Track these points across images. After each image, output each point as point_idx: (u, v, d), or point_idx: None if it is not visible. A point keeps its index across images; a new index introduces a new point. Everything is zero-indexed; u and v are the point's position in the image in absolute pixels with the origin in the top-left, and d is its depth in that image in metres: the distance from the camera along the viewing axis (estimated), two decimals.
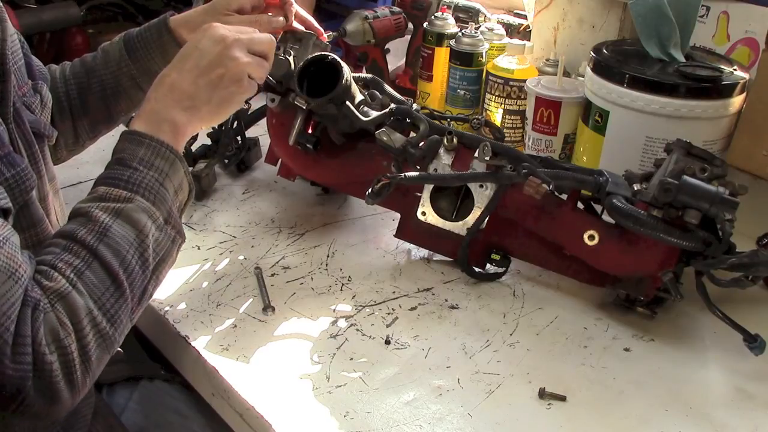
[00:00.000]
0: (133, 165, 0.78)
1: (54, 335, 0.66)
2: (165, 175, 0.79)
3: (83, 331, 0.68)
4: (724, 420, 0.83)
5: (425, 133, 1.04)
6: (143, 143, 0.79)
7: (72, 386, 0.68)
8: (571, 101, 1.21)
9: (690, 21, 1.14)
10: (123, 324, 0.73)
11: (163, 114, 0.82)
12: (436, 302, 1.01)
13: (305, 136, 1.09)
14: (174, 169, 0.80)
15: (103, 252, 0.71)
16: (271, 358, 0.89)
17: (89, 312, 0.69)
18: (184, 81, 0.83)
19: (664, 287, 0.94)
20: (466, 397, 0.84)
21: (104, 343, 0.71)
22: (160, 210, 0.78)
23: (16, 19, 1.57)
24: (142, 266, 0.74)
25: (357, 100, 1.06)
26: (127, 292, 0.72)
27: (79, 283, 0.69)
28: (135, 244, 0.74)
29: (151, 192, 0.77)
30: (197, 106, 0.83)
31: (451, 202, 1.06)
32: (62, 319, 0.67)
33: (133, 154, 0.78)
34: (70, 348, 0.67)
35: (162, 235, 0.78)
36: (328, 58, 1.03)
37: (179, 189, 0.82)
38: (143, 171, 0.78)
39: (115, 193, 0.75)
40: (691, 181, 0.89)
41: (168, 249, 0.79)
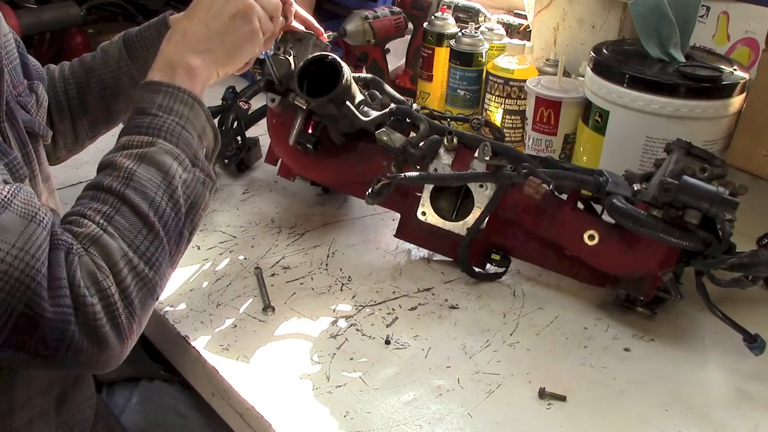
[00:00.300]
0: (153, 111, 0.77)
1: (92, 278, 0.66)
2: (186, 119, 0.79)
3: (121, 273, 0.68)
4: (724, 420, 0.83)
5: (425, 133, 1.04)
6: (160, 90, 0.79)
7: (118, 331, 0.67)
8: (571, 101, 1.21)
9: (690, 21, 1.14)
10: (162, 267, 0.72)
11: (176, 60, 0.82)
12: (436, 302, 1.01)
13: (305, 136, 1.09)
14: (195, 113, 0.80)
15: (131, 195, 0.71)
16: (271, 358, 0.89)
17: (124, 254, 0.68)
18: (196, 26, 0.84)
19: (664, 287, 0.94)
20: (466, 397, 0.84)
21: (145, 287, 0.70)
22: (185, 152, 0.77)
23: (16, 19, 1.58)
24: (174, 208, 0.74)
25: (357, 100, 1.06)
26: (161, 234, 0.72)
27: (109, 227, 0.69)
28: (162, 185, 0.73)
29: (173, 135, 0.77)
30: (211, 49, 0.84)
31: (451, 202, 1.06)
32: (98, 262, 0.67)
33: (151, 101, 0.78)
34: (110, 290, 0.67)
35: (190, 176, 0.77)
36: (328, 58, 1.03)
37: (203, 134, 0.81)
38: (163, 116, 0.77)
39: (137, 140, 0.76)
40: (691, 180, 0.89)
41: (199, 192, 0.78)
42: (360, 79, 1.13)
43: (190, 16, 0.85)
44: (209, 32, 0.84)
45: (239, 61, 0.88)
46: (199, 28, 0.84)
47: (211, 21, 0.84)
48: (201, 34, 0.84)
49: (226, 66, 0.86)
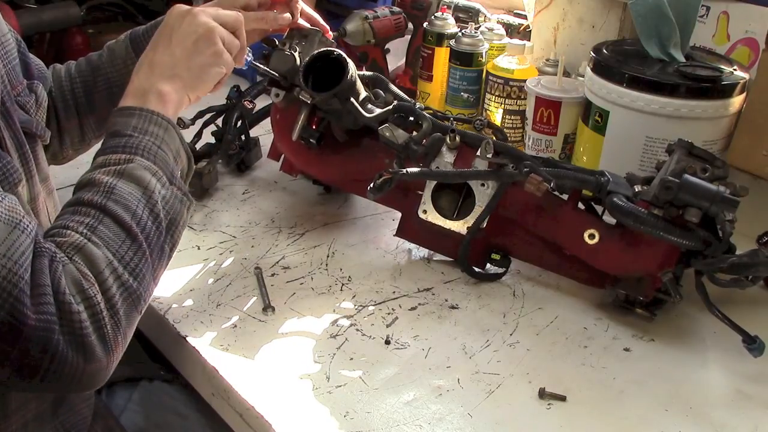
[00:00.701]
0: (128, 132, 0.78)
1: (77, 286, 0.65)
2: (162, 140, 0.79)
3: (106, 282, 0.67)
4: (724, 420, 0.83)
5: (428, 131, 1.04)
6: (134, 114, 0.80)
7: (104, 342, 0.67)
8: (571, 101, 1.21)
9: (690, 21, 1.14)
10: (146, 279, 0.72)
11: (147, 87, 0.83)
12: (436, 302, 1.01)
13: (309, 131, 1.09)
14: (169, 135, 0.81)
15: (113, 207, 0.71)
16: (271, 358, 0.89)
17: (109, 262, 0.68)
18: (161, 55, 0.85)
19: (663, 288, 0.94)
20: (466, 397, 0.84)
21: (130, 297, 0.70)
22: (163, 170, 0.78)
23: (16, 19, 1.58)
24: (155, 221, 0.74)
25: (361, 97, 1.07)
26: (144, 245, 0.72)
27: (93, 237, 0.69)
28: (143, 200, 0.74)
29: (150, 153, 0.77)
30: (179, 74, 0.84)
31: (452, 201, 1.06)
32: (83, 270, 0.66)
33: (126, 124, 0.79)
34: (96, 299, 0.66)
35: (168, 193, 0.77)
36: (333, 53, 1.04)
37: (177, 156, 0.82)
38: (138, 136, 0.78)
39: (114, 158, 0.76)
40: (692, 179, 0.89)
41: (177, 209, 0.78)
42: (364, 77, 1.13)
43: (154, 48, 0.86)
44: (174, 59, 0.84)
45: (208, 82, 0.88)
46: (164, 57, 0.85)
47: (174, 48, 0.85)
48: (167, 62, 0.84)
49: (195, 89, 0.87)
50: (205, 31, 0.86)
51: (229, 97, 1.33)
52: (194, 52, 0.85)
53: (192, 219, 1.18)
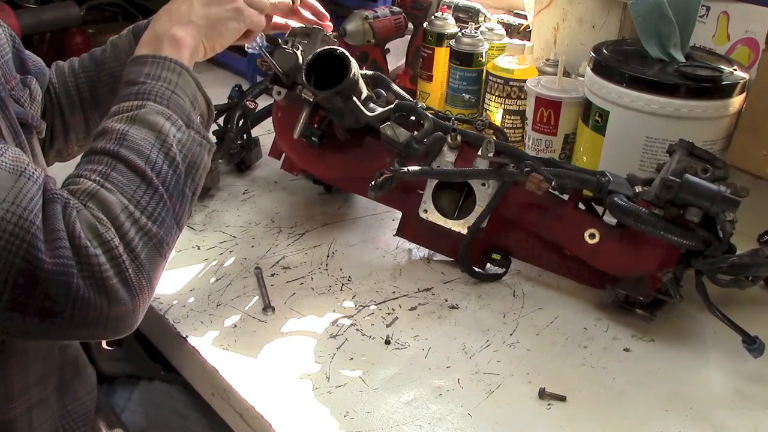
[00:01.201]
0: (140, 80, 0.77)
1: (93, 230, 0.65)
2: (176, 84, 0.79)
3: (123, 227, 0.67)
4: (724, 420, 0.83)
5: (430, 130, 1.04)
6: (147, 62, 0.79)
7: (128, 286, 0.66)
8: (571, 101, 1.21)
9: (690, 21, 1.14)
10: (166, 224, 0.71)
11: (161, 33, 0.83)
12: (436, 302, 1.01)
13: (310, 129, 1.09)
14: (184, 79, 0.80)
15: (125, 153, 0.71)
16: (271, 358, 0.89)
17: (125, 207, 0.68)
18: (181, 3, 0.85)
19: (663, 288, 0.94)
20: (466, 397, 0.84)
21: (150, 242, 0.69)
22: (178, 113, 0.77)
23: (16, 19, 1.58)
24: (171, 165, 0.73)
25: (363, 95, 1.07)
26: (161, 189, 0.71)
27: (107, 183, 0.69)
28: (157, 144, 0.73)
29: (163, 98, 0.77)
30: (194, 21, 0.84)
31: (453, 201, 1.06)
32: (97, 215, 0.66)
33: (138, 73, 0.78)
34: (113, 242, 0.66)
35: (185, 136, 0.76)
36: (336, 51, 1.04)
37: (194, 101, 0.81)
38: (151, 83, 0.77)
39: (126, 105, 0.75)
40: (692, 178, 0.89)
41: (196, 152, 0.77)
42: (365, 76, 1.13)
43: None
44: (192, 8, 0.85)
45: (225, 35, 0.88)
46: (184, 5, 0.85)
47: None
48: (184, 10, 0.85)
49: (210, 39, 0.87)
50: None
51: (230, 96, 1.33)
52: (213, 3, 0.86)
53: (192, 219, 1.18)
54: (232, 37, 0.89)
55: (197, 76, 0.83)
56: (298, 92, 1.06)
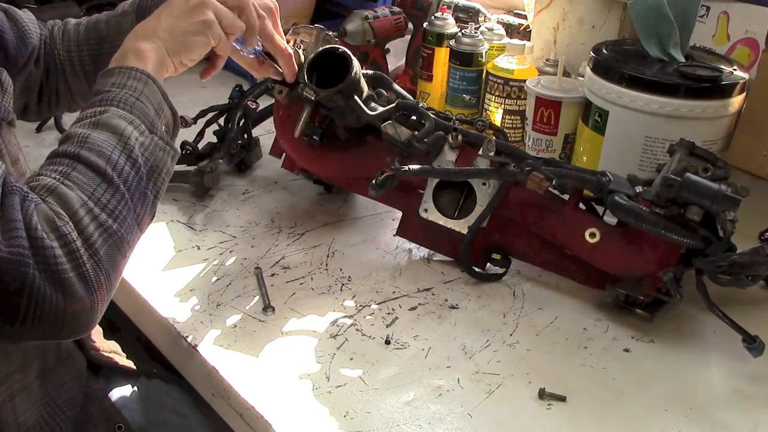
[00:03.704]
0: (106, 89, 0.77)
1: (50, 223, 0.64)
2: (140, 92, 0.78)
3: (82, 221, 0.66)
4: (724, 420, 0.83)
5: (431, 129, 1.04)
6: (113, 73, 0.79)
7: (85, 281, 0.65)
8: (571, 101, 1.21)
9: (690, 21, 1.13)
10: (127, 222, 0.71)
11: (127, 47, 0.82)
12: (436, 302, 1.01)
13: (312, 127, 1.09)
14: (149, 88, 0.79)
15: (86, 154, 0.70)
16: (271, 358, 0.89)
17: (84, 203, 0.67)
18: (150, 20, 0.85)
19: (663, 288, 0.94)
20: (466, 397, 0.84)
21: (110, 239, 0.68)
22: (141, 119, 0.76)
23: None
24: (133, 166, 0.73)
25: (364, 95, 1.07)
26: (122, 188, 0.71)
27: (66, 180, 0.68)
28: (119, 146, 0.73)
29: (127, 104, 0.76)
30: (158, 35, 0.83)
31: (453, 200, 1.06)
32: (56, 209, 0.66)
33: (104, 83, 0.78)
34: (71, 236, 0.65)
35: (148, 140, 0.76)
36: (338, 50, 1.04)
37: (159, 109, 0.80)
38: (116, 90, 0.77)
39: (89, 112, 0.75)
40: (693, 177, 0.89)
41: (159, 156, 0.77)
42: (366, 76, 1.13)
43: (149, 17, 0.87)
44: (158, 23, 0.84)
45: (190, 49, 0.86)
46: (150, 22, 0.85)
47: (162, 15, 0.85)
48: (150, 26, 0.85)
49: (176, 53, 0.85)
50: (197, 2, 0.85)
51: (231, 96, 1.34)
52: (179, 18, 0.85)
53: (192, 219, 1.18)
54: (200, 51, 0.88)
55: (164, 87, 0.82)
56: (300, 91, 1.06)
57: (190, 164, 1.27)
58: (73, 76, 1.04)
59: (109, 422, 0.95)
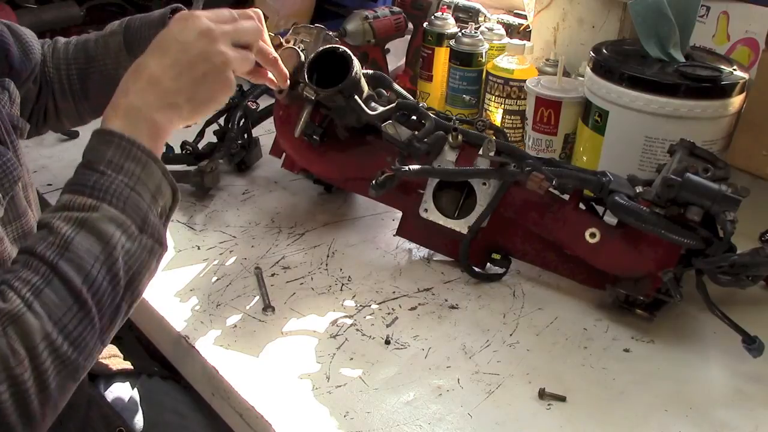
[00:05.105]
0: (100, 169, 0.70)
1: (4, 364, 0.60)
2: (137, 179, 0.72)
3: (39, 357, 0.62)
4: (725, 420, 0.83)
5: (431, 129, 1.04)
6: (112, 143, 0.72)
7: (29, 419, 0.62)
8: (571, 101, 1.21)
9: (690, 21, 1.14)
10: (89, 347, 0.66)
11: (143, 112, 0.74)
12: (436, 302, 1.01)
13: (312, 127, 1.09)
14: (148, 172, 0.73)
15: (64, 268, 0.65)
16: (271, 358, 0.89)
17: (46, 336, 0.63)
18: (166, 76, 0.76)
19: (663, 288, 0.94)
20: (466, 397, 0.84)
21: (65, 369, 0.65)
22: (132, 218, 0.70)
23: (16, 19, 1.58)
24: (112, 281, 0.68)
25: (365, 94, 1.07)
26: (93, 311, 0.66)
27: (35, 303, 0.63)
28: (101, 257, 0.67)
29: (120, 198, 0.70)
30: (179, 105, 0.77)
31: (453, 200, 1.06)
32: (13, 345, 0.61)
33: (100, 156, 0.71)
34: (23, 377, 0.61)
35: (135, 245, 0.70)
36: (339, 50, 1.04)
37: (158, 193, 0.74)
38: (111, 175, 0.70)
39: (79, 201, 0.69)
40: (693, 177, 0.89)
41: (144, 261, 0.71)
42: (366, 75, 1.13)
43: (159, 62, 0.76)
44: (179, 86, 0.76)
45: (205, 115, 0.82)
46: (169, 80, 0.76)
47: (182, 73, 0.76)
48: (170, 87, 0.76)
49: (190, 120, 0.80)
50: (220, 63, 0.78)
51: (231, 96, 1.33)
52: (202, 83, 0.77)
53: (192, 219, 1.18)
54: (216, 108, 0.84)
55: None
56: (300, 91, 1.06)
57: (190, 164, 1.27)
58: (61, 94, 1.04)
59: (110, 426, 0.95)
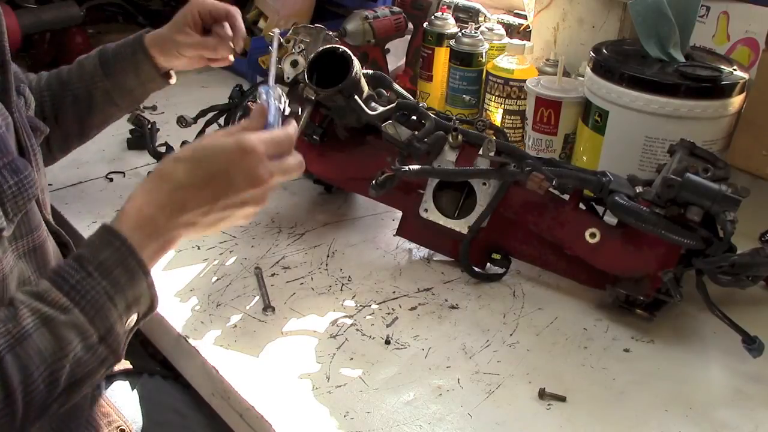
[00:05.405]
0: (89, 269, 0.69)
1: None
2: (119, 289, 0.70)
3: None
4: (724, 420, 0.83)
5: (431, 129, 1.04)
6: (112, 245, 0.70)
7: None
8: (571, 101, 1.21)
9: (690, 21, 1.14)
10: None
11: (160, 230, 0.73)
12: (436, 302, 1.01)
13: (312, 127, 1.10)
14: (133, 282, 0.71)
15: (8, 363, 0.64)
16: (270, 358, 0.89)
17: None
18: (199, 206, 0.74)
19: (663, 288, 0.94)
20: (466, 397, 0.84)
21: None
22: (98, 327, 0.69)
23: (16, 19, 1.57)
24: (50, 386, 0.66)
25: (365, 94, 1.07)
26: (19, 410, 0.64)
27: None
28: (50, 360, 0.66)
29: (95, 307, 0.69)
30: (200, 223, 0.75)
31: (453, 200, 1.06)
32: None
33: (95, 255, 0.70)
34: None
35: (89, 355, 0.69)
36: (339, 50, 1.04)
37: (135, 303, 0.72)
38: (96, 278, 0.69)
39: (53, 297, 0.68)
40: (694, 177, 0.90)
41: (92, 369, 0.70)
42: (366, 75, 1.13)
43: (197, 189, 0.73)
44: (206, 215, 0.74)
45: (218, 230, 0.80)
46: (200, 210, 0.74)
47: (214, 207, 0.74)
48: (198, 215, 0.74)
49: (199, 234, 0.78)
50: (254, 206, 0.77)
51: (231, 96, 1.34)
52: (229, 218, 0.76)
53: None
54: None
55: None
56: (300, 90, 1.06)
57: None
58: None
59: (111, 426, 0.95)
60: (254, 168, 0.74)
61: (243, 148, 0.74)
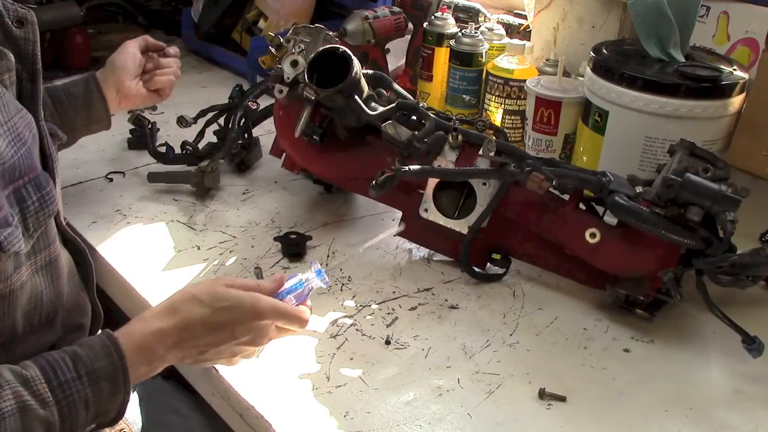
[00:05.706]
0: (81, 372, 0.72)
1: None
2: (98, 399, 0.73)
3: None
4: (724, 420, 0.83)
5: (431, 129, 1.04)
6: (111, 357, 0.73)
7: None
8: (571, 101, 1.21)
9: (690, 21, 1.14)
10: None
11: (156, 358, 0.77)
12: (436, 302, 1.01)
13: (312, 127, 1.10)
14: (113, 397, 0.74)
15: None
16: (271, 358, 0.89)
17: None
18: (198, 347, 0.79)
19: (663, 288, 0.94)
20: (466, 397, 0.84)
21: None
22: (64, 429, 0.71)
23: None
24: None
25: (365, 94, 1.07)
26: None
27: None
28: None
29: (72, 410, 0.71)
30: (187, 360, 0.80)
31: (453, 201, 1.06)
32: None
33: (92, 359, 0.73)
34: None
35: None
36: (339, 50, 1.04)
37: (103, 414, 0.75)
38: (84, 384, 0.72)
39: (39, 389, 0.70)
40: (693, 177, 0.90)
41: None
42: (366, 75, 1.13)
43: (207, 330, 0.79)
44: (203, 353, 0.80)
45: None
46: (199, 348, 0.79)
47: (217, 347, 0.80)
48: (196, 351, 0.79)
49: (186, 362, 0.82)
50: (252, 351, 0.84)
51: (231, 96, 1.34)
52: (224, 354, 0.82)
53: (192, 219, 1.18)
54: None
55: None
56: (300, 90, 1.06)
57: (190, 164, 1.27)
58: None
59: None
60: (259, 330, 0.81)
61: (257, 311, 0.80)
